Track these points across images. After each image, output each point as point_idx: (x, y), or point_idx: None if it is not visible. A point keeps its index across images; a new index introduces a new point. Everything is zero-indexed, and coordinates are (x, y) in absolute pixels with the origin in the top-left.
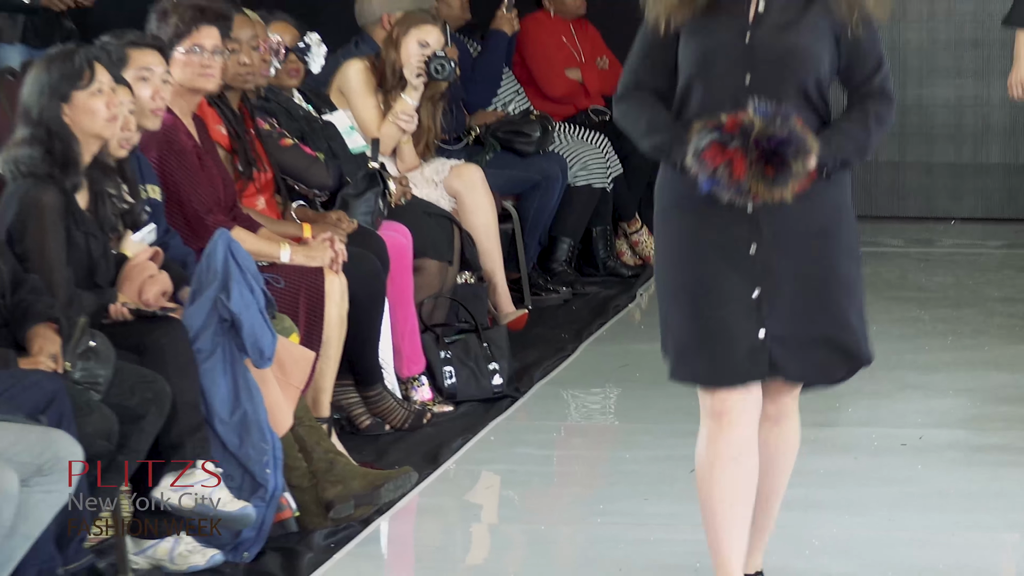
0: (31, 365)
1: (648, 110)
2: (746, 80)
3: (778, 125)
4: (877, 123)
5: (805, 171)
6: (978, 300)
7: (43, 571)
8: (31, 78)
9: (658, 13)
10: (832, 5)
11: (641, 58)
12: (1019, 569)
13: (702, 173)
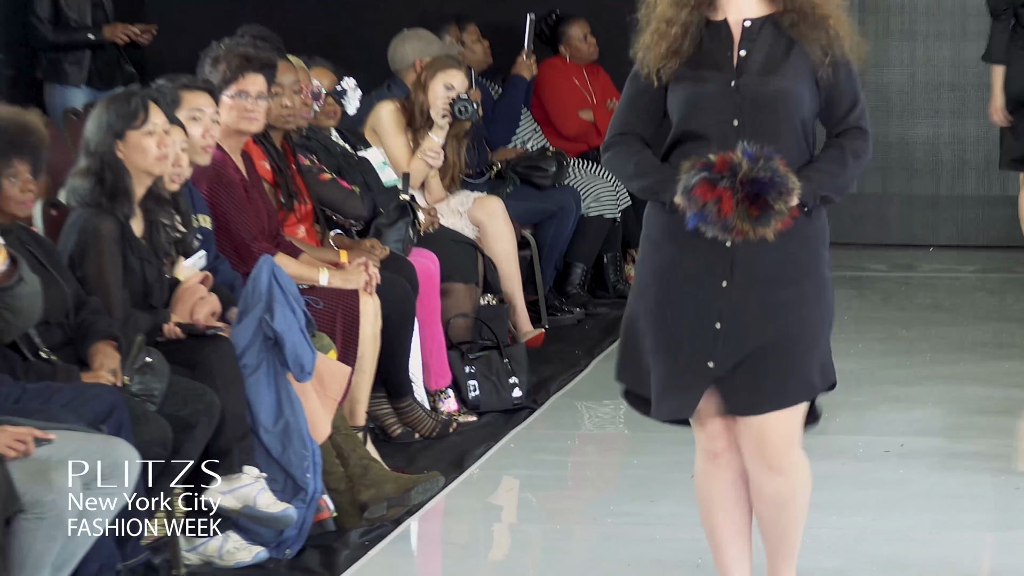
0: (93, 379)
1: (636, 154)
2: (735, 123)
3: (761, 167)
4: (855, 159)
5: (787, 210)
6: (955, 320)
7: (104, 567)
8: (92, 116)
9: (648, 66)
10: (808, 49)
11: (630, 106)
12: (992, 564)
13: (691, 209)
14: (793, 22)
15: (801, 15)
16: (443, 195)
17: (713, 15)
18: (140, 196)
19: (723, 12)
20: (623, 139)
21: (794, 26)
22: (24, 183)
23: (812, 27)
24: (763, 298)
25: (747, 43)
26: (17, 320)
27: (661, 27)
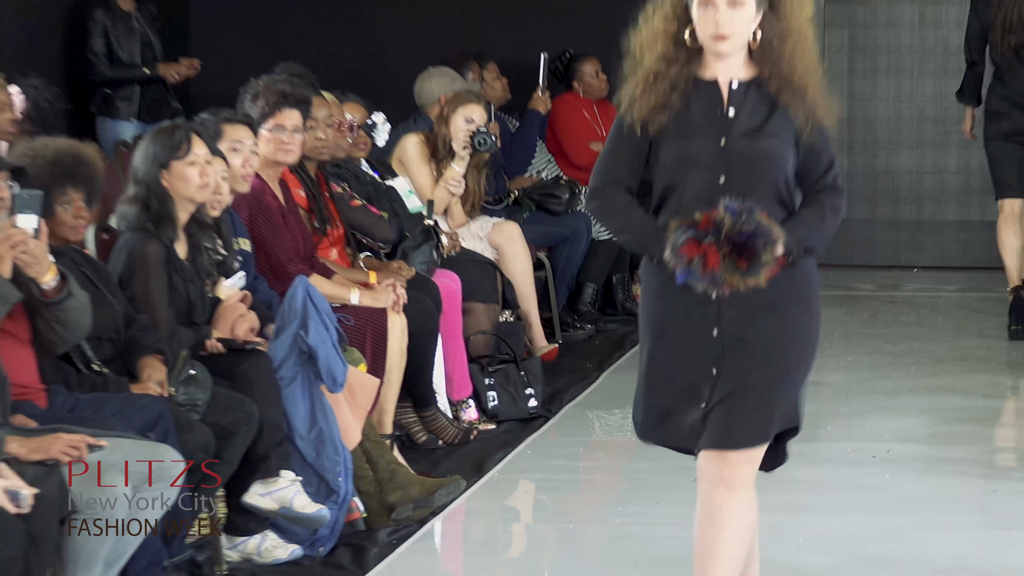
0: (141, 390)
1: (623, 207)
2: (721, 180)
3: (745, 220)
4: (833, 214)
5: (774, 259)
6: (937, 336)
7: (152, 563)
8: (140, 148)
9: (635, 118)
10: (791, 114)
11: (615, 156)
12: (972, 561)
13: (679, 266)
14: (776, 88)
15: (785, 82)
16: (464, 220)
17: (702, 73)
18: (184, 221)
19: (712, 72)
20: (609, 189)
21: (779, 92)
22: (77, 210)
23: (794, 95)
24: (751, 340)
25: (735, 103)
26: (67, 333)
27: (649, 80)
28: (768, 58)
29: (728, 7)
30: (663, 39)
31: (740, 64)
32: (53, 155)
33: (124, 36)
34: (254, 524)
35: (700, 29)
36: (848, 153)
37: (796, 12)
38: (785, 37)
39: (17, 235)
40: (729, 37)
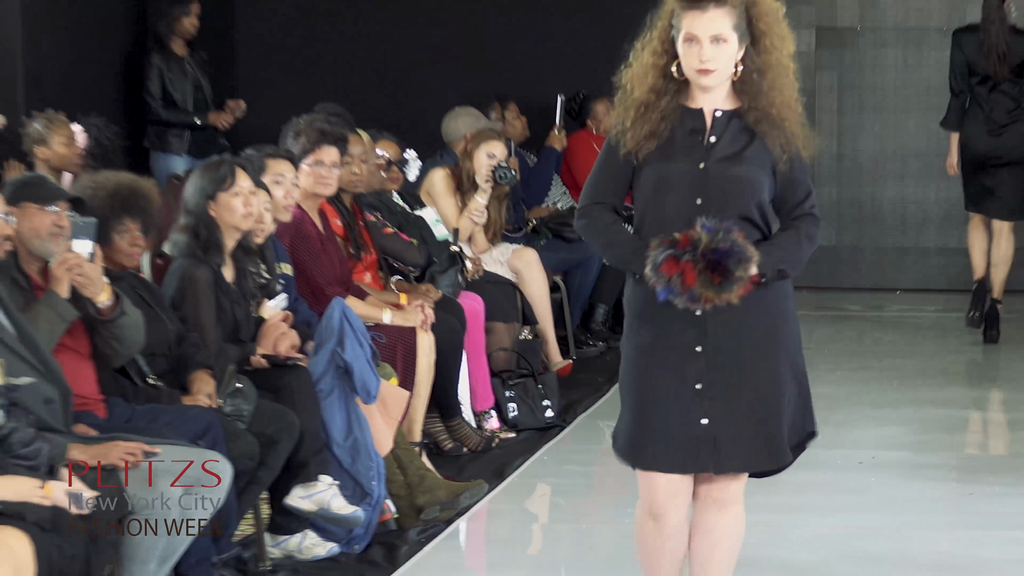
0: (192, 402)
1: (609, 225)
2: (698, 201)
3: (721, 238)
4: (808, 240)
5: (747, 276)
6: (918, 352)
7: (201, 559)
8: (190, 181)
9: (625, 145)
10: (769, 144)
11: (603, 177)
12: (948, 556)
13: (659, 284)
14: (756, 119)
15: (763, 114)
16: (487, 247)
17: (689, 103)
18: (230, 248)
19: (698, 102)
20: (597, 209)
21: (758, 123)
22: (133, 239)
23: (772, 126)
24: (735, 362)
25: (717, 131)
26: (123, 347)
27: (640, 111)
28: (749, 90)
29: (711, 43)
30: (653, 72)
31: (724, 95)
32: (113, 188)
33: (178, 79)
34: (295, 524)
35: (685, 63)
36: (837, 184)
37: (777, 48)
38: (765, 71)
39: (73, 259)
40: (712, 71)
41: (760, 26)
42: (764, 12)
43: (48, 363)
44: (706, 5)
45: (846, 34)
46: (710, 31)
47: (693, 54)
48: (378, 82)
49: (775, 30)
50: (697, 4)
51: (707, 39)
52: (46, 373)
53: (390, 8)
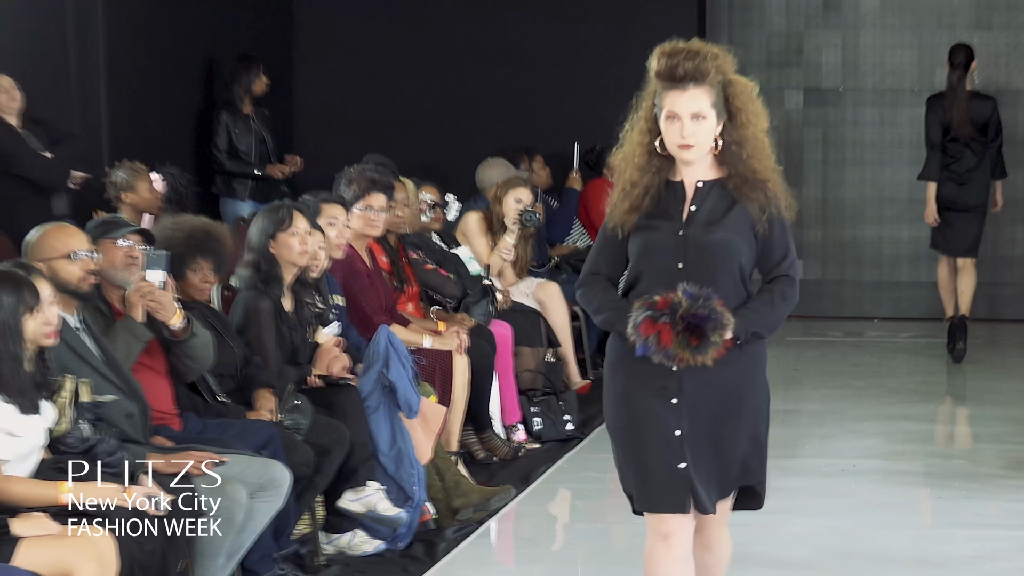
0: (256, 417)
1: (601, 293)
2: (679, 265)
3: (700, 304)
4: (783, 301)
5: (722, 341)
6: (893, 374)
7: (264, 556)
8: (255, 222)
9: (614, 220)
10: (749, 207)
11: (600, 252)
12: (920, 553)
13: (638, 341)
14: (736, 185)
15: (743, 179)
16: (515, 281)
17: (673, 176)
18: (289, 281)
19: (681, 175)
20: (593, 279)
21: (737, 188)
22: (204, 276)
23: (752, 188)
24: (710, 411)
25: (698, 200)
26: (194, 364)
27: (627, 188)
28: (729, 160)
29: (691, 120)
30: (640, 151)
31: (706, 167)
32: (190, 230)
33: (243, 133)
34: (346, 524)
35: (668, 139)
36: (822, 226)
37: (753, 123)
38: (743, 143)
39: (146, 287)
40: (693, 146)
41: (736, 103)
42: (739, 91)
43: (129, 382)
44: (686, 84)
45: (830, 94)
46: (690, 108)
47: (675, 130)
48: (420, 136)
49: (750, 107)
50: (677, 83)
51: (687, 116)
52: (128, 391)
53: (431, 71)
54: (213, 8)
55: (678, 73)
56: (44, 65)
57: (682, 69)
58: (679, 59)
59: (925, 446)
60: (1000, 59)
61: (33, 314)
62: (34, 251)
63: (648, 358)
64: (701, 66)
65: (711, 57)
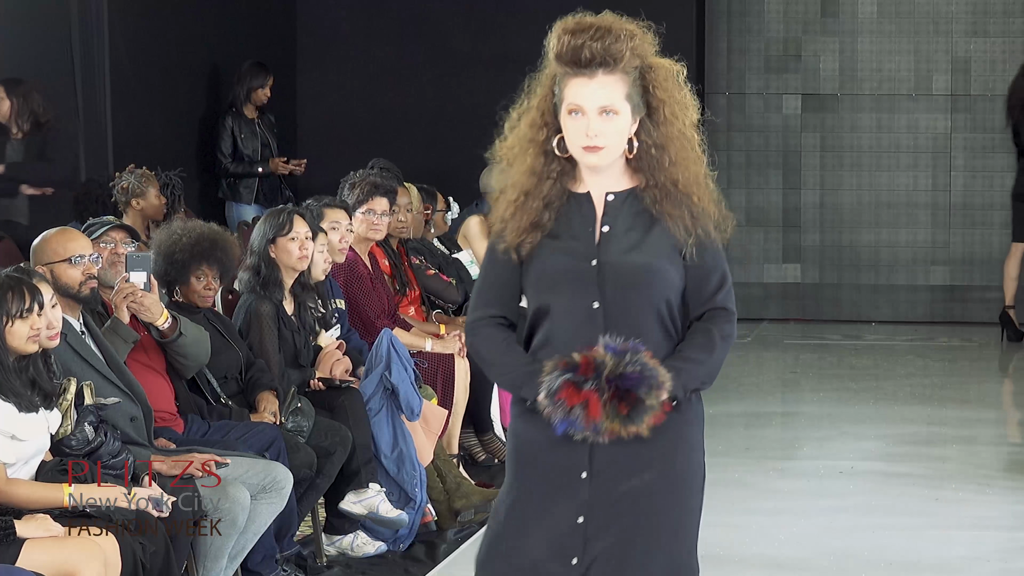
0: (259, 419)
1: (499, 343)
2: (595, 305)
3: (628, 362)
4: (723, 342)
5: (659, 404)
6: (891, 376)
7: (266, 556)
8: (257, 226)
9: (507, 240)
10: (671, 227)
11: (490, 284)
12: (916, 553)
13: (557, 415)
14: (655, 198)
15: (663, 192)
16: None
17: (575, 187)
18: (289, 284)
19: (585, 184)
20: (487, 324)
21: (656, 203)
22: (208, 283)
23: (675, 204)
24: (626, 487)
25: (610, 218)
26: (189, 361)
27: (520, 199)
28: (646, 167)
29: (599, 115)
30: (532, 149)
31: (617, 175)
32: (196, 237)
33: (248, 138)
34: (348, 525)
35: (569, 139)
36: (820, 230)
37: (677, 119)
38: (664, 145)
39: (128, 288)
40: (601, 148)
41: (658, 94)
42: (662, 78)
43: (132, 384)
44: (593, 71)
45: (827, 100)
46: (598, 101)
47: (578, 128)
48: (422, 142)
49: (675, 98)
50: (583, 69)
51: (594, 110)
52: (130, 393)
53: (433, 77)
54: (217, 15)
55: (584, 56)
56: (49, 71)
57: (588, 51)
58: (585, 38)
59: (922, 448)
60: (996, 65)
61: (24, 318)
62: (37, 255)
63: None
64: (613, 47)
65: (626, 36)
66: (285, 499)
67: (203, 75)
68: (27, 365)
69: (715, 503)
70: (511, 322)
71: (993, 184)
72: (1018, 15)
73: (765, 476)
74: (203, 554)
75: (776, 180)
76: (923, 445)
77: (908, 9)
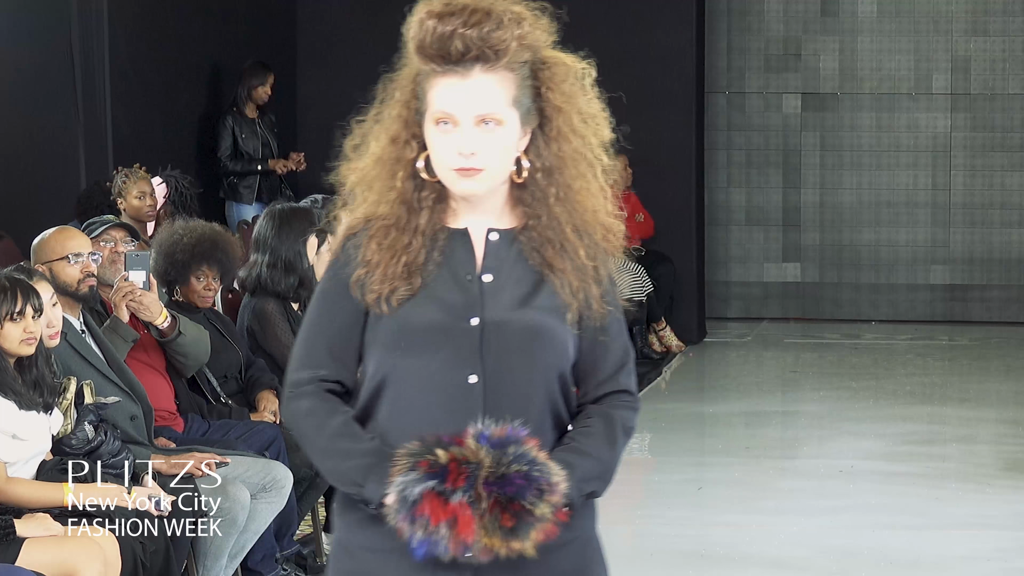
0: (259, 418)
1: (331, 418)
2: (470, 379)
3: (511, 459)
4: (625, 436)
5: (552, 513)
6: (890, 375)
7: (266, 556)
8: (259, 222)
9: (377, 293)
10: (557, 283)
11: (326, 339)
12: (916, 553)
13: (415, 532)
14: (535, 244)
15: (543, 237)
16: None
17: (449, 220)
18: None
19: (463, 219)
20: (315, 392)
21: (537, 251)
22: (208, 283)
23: (557, 254)
24: None
25: (493, 263)
26: (188, 361)
27: (391, 234)
28: (531, 198)
29: (476, 126)
30: (401, 172)
31: (501, 206)
32: (197, 238)
33: (249, 137)
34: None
35: (437, 157)
36: (820, 229)
37: (576, 133)
38: (553, 170)
39: (127, 287)
40: (479, 171)
41: (552, 99)
42: (559, 78)
43: (132, 384)
44: (468, 67)
45: (828, 99)
46: (475, 108)
47: (448, 144)
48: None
49: (576, 105)
50: (454, 65)
51: (470, 120)
52: (130, 392)
53: None
54: (217, 15)
55: (454, 47)
56: (49, 72)
57: (461, 41)
58: (456, 24)
59: (922, 447)
60: (996, 64)
61: (16, 321)
62: (37, 254)
63: (428, 556)
64: (493, 36)
65: (511, 21)
66: (285, 498)
67: (203, 75)
68: (30, 365)
69: (715, 503)
70: (347, 389)
71: (993, 183)
72: (1018, 14)
73: (765, 475)
74: (203, 554)
75: (776, 179)
76: (923, 444)
77: (908, 8)
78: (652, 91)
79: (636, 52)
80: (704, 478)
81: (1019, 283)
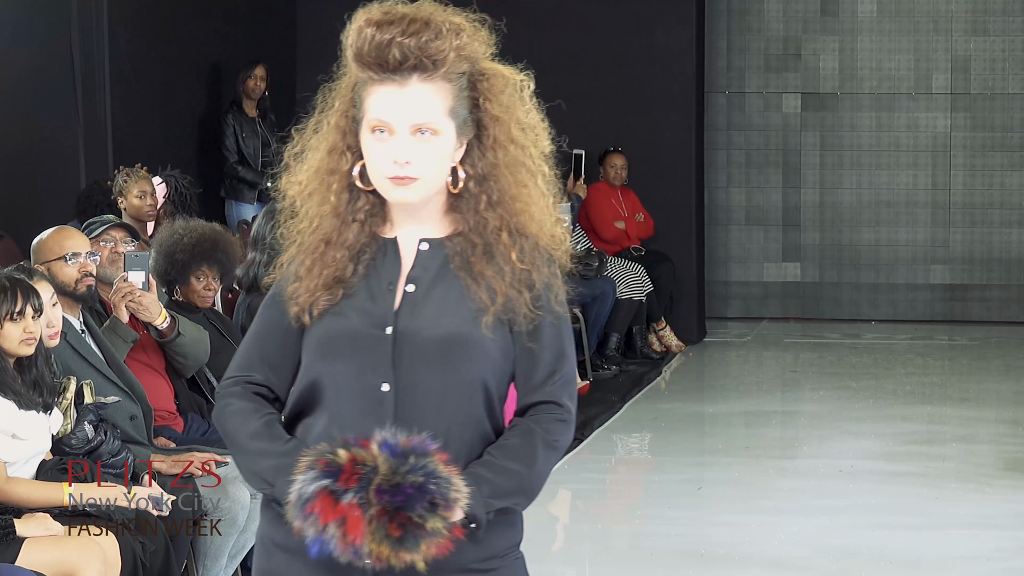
0: None
1: (253, 418)
2: (384, 387)
3: (409, 469)
4: (547, 450)
5: (447, 528)
6: (890, 375)
7: None
8: (257, 220)
9: (299, 301)
10: (472, 290)
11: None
12: (916, 552)
13: (307, 531)
14: (460, 251)
15: (470, 244)
16: None
17: (383, 230)
18: None
19: (398, 228)
20: (242, 393)
21: (460, 257)
22: (208, 283)
23: (488, 262)
24: None
25: (419, 273)
26: (188, 362)
27: (320, 249)
28: (465, 206)
29: (412, 135)
30: (336, 184)
31: (436, 216)
32: (197, 238)
33: (249, 137)
34: None
35: (373, 167)
36: (820, 229)
37: (513, 143)
38: (487, 177)
39: (127, 288)
40: (414, 180)
41: (490, 109)
42: (497, 89)
43: (132, 383)
44: (406, 76)
45: (827, 99)
46: (411, 117)
47: (384, 153)
48: None
49: (514, 115)
50: (391, 74)
51: (406, 129)
52: (130, 392)
53: None
54: (217, 15)
55: (392, 56)
56: (49, 72)
57: (399, 50)
58: (394, 33)
59: (922, 447)
60: (996, 64)
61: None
62: (36, 254)
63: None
64: (431, 45)
65: (449, 32)
66: None
67: (203, 75)
68: (29, 365)
69: (715, 502)
70: (276, 395)
71: (993, 183)
72: (1018, 14)
73: (765, 475)
74: (203, 553)
75: (776, 179)
76: (923, 444)
77: (908, 8)
78: (652, 91)
79: (636, 52)
80: (704, 478)
81: (1019, 283)
